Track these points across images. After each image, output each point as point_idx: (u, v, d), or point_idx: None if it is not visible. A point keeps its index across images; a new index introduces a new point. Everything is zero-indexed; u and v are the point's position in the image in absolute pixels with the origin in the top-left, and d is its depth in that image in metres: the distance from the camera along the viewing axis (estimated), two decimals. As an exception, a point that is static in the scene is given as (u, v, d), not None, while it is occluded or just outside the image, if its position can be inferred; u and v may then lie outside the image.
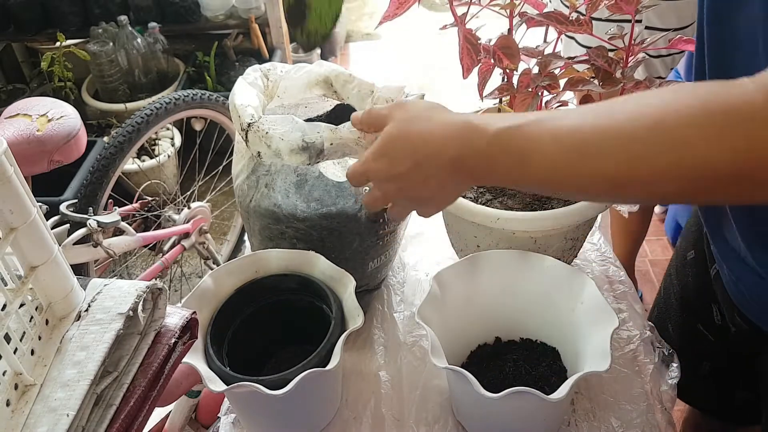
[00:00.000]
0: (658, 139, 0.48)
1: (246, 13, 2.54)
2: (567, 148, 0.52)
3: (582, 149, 0.51)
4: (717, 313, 0.89)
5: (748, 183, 0.46)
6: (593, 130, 0.51)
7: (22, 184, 0.53)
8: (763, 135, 0.44)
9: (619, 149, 0.50)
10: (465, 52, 0.76)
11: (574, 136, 0.52)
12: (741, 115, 0.45)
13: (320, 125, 0.76)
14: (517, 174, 0.56)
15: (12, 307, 0.53)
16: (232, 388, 0.69)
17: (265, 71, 0.94)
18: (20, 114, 1.40)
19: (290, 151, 0.76)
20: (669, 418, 0.81)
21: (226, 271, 0.83)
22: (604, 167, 0.50)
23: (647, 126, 0.48)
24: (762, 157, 0.44)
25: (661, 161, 0.48)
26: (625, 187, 0.51)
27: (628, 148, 0.49)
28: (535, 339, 0.86)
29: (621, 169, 0.50)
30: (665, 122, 0.48)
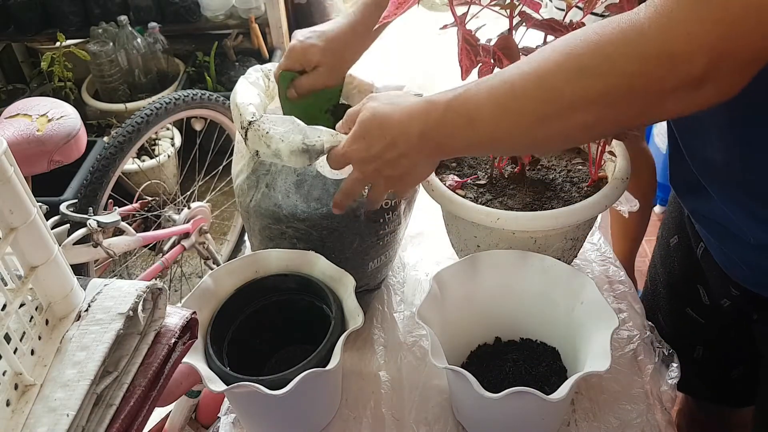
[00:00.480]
0: (569, 69, 0.55)
1: (246, 13, 2.54)
2: (499, 99, 0.60)
3: (510, 95, 0.59)
4: (704, 294, 0.90)
5: (650, 95, 0.52)
6: (519, 76, 0.58)
7: (22, 184, 0.53)
8: (651, 51, 0.50)
9: (537, 86, 0.57)
10: (464, 53, 0.76)
11: (504, 87, 0.59)
12: (632, 36, 0.51)
13: (320, 129, 0.76)
14: (470, 134, 0.63)
15: (12, 307, 0.53)
16: (232, 388, 0.69)
17: (267, 72, 0.94)
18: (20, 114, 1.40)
19: (290, 153, 0.76)
20: (669, 418, 0.81)
21: (226, 271, 0.83)
22: (530, 106, 0.58)
23: (558, 60, 0.55)
24: (653, 71, 0.50)
25: (572, 89, 0.54)
26: (548, 120, 0.57)
27: (544, 83, 0.56)
28: (535, 339, 0.86)
29: (541, 104, 0.57)
30: (573, 53, 0.54)
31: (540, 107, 0.57)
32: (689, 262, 0.91)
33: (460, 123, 0.63)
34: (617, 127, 0.59)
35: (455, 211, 0.83)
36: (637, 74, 0.51)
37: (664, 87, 0.51)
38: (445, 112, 0.63)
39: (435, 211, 0.92)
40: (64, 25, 2.48)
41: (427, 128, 0.65)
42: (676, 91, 0.51)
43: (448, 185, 0.86)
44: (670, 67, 0.50)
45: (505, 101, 0.59)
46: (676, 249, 0.96)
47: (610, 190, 0.81)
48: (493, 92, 0.60)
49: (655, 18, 0.50)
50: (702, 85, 0.50)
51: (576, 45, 0.54)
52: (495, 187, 0.89)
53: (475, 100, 0.62)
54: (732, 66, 0.49)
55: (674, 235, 0.96)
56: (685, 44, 0.49)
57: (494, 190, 0.88)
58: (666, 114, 0.55)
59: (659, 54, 0.50)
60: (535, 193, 0.87)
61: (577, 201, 0.82)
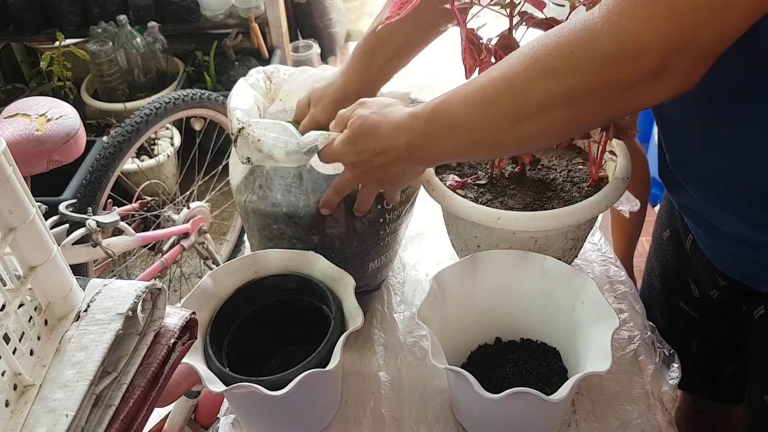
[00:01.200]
0: (534, 72, 0.57)
1: (246, 12, 2.54)
2: (474, 106, 0.63)
3: (484, 102, 0.62)
4: (694, 288, 0.91)
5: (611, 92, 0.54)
6: (489, 81, 0.61)
7: (21, 184, 0.53)
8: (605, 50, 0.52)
9: (506, 91, 0.60)
10: (467, 52, 0.76)
11: (476, 94, 0.62)
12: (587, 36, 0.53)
13: (315, 133, 0.76)
14: (452, 142, 0.66)
15: (11, 308, 0.53)
16: (231, 388, 0.68)
17: (269, 73, 0.93)
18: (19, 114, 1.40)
19: (287, 154, 0.76)
20: (670, 419, 0.81)
21: (225, 272, 0.82)
22: (502, 109, 0.60)
23: (523, 64, 0.58)
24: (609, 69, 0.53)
25: (540, 91, 0.57)
26: (520, 122, 0.60)
27: (511, 87, 0.59)
28: (536, 339, 0.86)
29: (511, 107, 0.60)
30: (535, 56, 0.57)
31: (511, 110, 0.60)
32: (680, 255, 0.93)
33: (442, 132, 0.66)
34: (586, 124, 0.61)
35: (455, 211, 0.83)
36: (595, 73, 0.53)
37: (622, 84, 0.53)
38: (428, 123, 0.67)
39: (435, 211, 0.92)
40: (63, 25, 2.48)
41: (413, 139, 0.68)
42: (634, 87, 0.53)
43: (448, 185, 0.86)
44: (624, 65, 0.52)
45: (479, 107, 0.62)
46: (668, 242, 0.97)
47: (611, 190, 0.80)
48: (468, 99, 0.63)
49: (607, 17, 0.52)
50: (658, 79, 0.52)
51: (538, 48, 0.57)
52: (495, 187, 0.88)
53: (452, 109, 0.65)
54: (685, 60, 0.51)
55: (666, 228, 0.97)
56: (636, 41, 0.50)
57: (494, 190, 0.88)
58: (628, 107, 0.56)
59: (613, 52, 0.52)
60: (536, 193, 0.86)
61: (578, 201, 0.81)
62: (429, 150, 0.69)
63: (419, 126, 0.68)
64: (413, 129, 0.68)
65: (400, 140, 0.69)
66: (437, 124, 0.66)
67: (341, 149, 0.73)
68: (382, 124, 0.70)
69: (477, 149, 0.68)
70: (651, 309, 1.01)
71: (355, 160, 0.73)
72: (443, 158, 0.76)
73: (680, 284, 0.94)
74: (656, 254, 1.02)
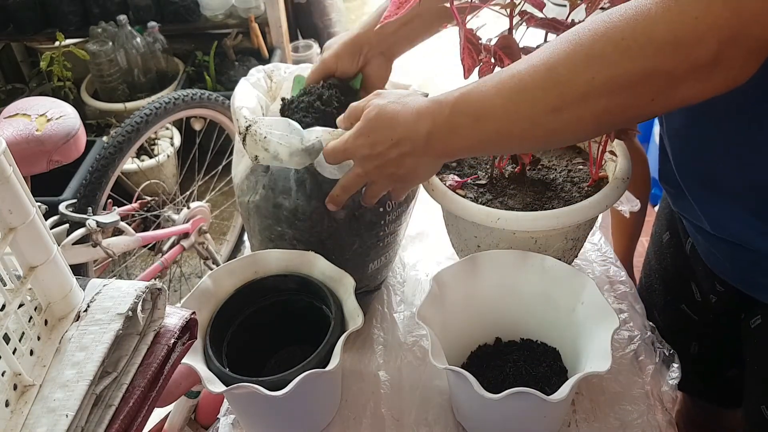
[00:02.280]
0: (579, 58, 0.54)
1: (246, 12, 2.54)
2: (509, 93, 0.59)
3: (520, 89, 0.58)
4: (696, 290, 0.90)
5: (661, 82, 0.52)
6: (527, 69, 0.58)
7: (21, 184, 0.53)
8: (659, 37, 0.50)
9: (547, 77, 0.56)
10: (466, 52, 0.76)
11: (512, 81, 0.59)
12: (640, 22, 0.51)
13: (317, 129, 0.76)
14: (477, 132, 0.62)
15: (11, 308, 0.53)
16: (231, 389, 0.68)
17: (269, 72, 0.93)
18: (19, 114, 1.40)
19: (290, 154, 0.76)
20: (670, 419, 0.81)
21: (225, 272, 0.82)
22: (540, 97, 0.57)
23: (567, 50, 0.55)
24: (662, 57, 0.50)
25: (584, 77, 0.54)
26: (559, 111, 0.57)
27: (554, 73, 0.56)
28: (536, 339, 0.86)
29: (551, 95, 0.56)
30: (581, 42, 0.54)
31: (551, 98, 0.57)
32: (681, 258, 0.92)
33: (467, 121, 0.62)
34: (629, 116, 0.58)
35: (455, 211, 0.83)
36: (647, 60, 0.51)
37: (675, 73, 0.51)
38: (453, 111, 0.63)
39: (435, 211, 0.92)
40: (63, 25, 2.48)
41: (435, 128, 0.64)
42: (686, 78, 0.51)
43: (448, 185, 0.86)
44: (679, 53, 0.50)
45: (514, 95, 0.59)
46: (668, 245, 0.96)
47: (611, 190, 0.80)
48: (502, 87, 0.60)
49: (662, 3, 0.50)
50: (713, 69, 0.50)
51: (584, 34, 0.54)
52: (495, 187, 0.88)
53: (482, 97, 0.61)
54: (741, 52, 0.49)
55: (666, 230, 0.97)
56: (693, 28, 0.48)
57: (494, 190, 0.88)
58: (677, 101, 0.54)
59: (668, 39, 0.50)
60: (536, 193, 0.86)
61: (578, 201, 0.81)
62: (451, 140, 0.64)
63: (443, 114, 0.63)
64: (435, 117, 0.64)
65: (420, 129, 0.65)
66: (463, 112, 0.62)
67: (352, 142, 0.70)
68: (400, 113, 0.66)
69: (504, 141, 0.64)
70: (650, 310, 1.01)
71: (367, 153, 0.69)
72: (466, 150, 0.69)
73: (681, 287, 0.94)
74: (656, 256, 1.02)
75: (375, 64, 0.89)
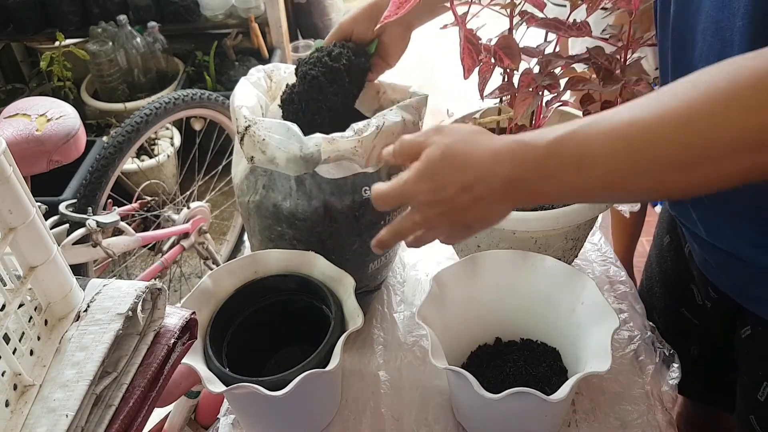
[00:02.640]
0: (719, 110, 0.47)
1: (245, 12, 2.54)
2: (626, 143, 0.50)
3: (641, 139, 0.50)
4: (697, 294, 0.90)
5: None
6: (649, 118, 0.49)
7: (21, 184, 0.53)
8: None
9: (680, 130, 0.48)
10: (466, 53, 0.76)
11: (631, 129, 0.50)
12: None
13: (317, 136, 0.76)
14: (575, 182, 0.53)
15: (11, 308, 0.53)
16: (231, 389, 0.68)
17: (269, 72, 0.93)
18: (19, 114, 1.40)
19: (287, 160, 0.76)
20: (670, 419, 0.81)
21: (225, 272, 0.82)
22: (667, 153, 0.49)
23: (703, 101, 0.47)
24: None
25: (728, 132, 0.46)
26: (691, 168, 0.48)
27: (691, 125, 0.47)
28: (536, 339, 0.86)
29: (684, 150, 0.48)
30: (721, 94, 0.47)
31: (683, 153, 0.48)
32: (681, 262, 0.92)
33: (567, 168, 0.53)
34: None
35: (455, 211, 0.83)
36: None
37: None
38: (546, 155, 0.54)
39: (435, 211, 0.92)
40: (63, 25, 2.48)
41: (519, 172, 0.55)
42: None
43: (448, 185, 0.86)
44: None
45: (632, 146, 0.50)
46: (668, 248, 0.96)
47: (611, 190, 0.80)
48: (616, 135, 0.51)
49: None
50: None
51: (738, 76, 0.47)
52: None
53: (588, 142, 0.52)
54: None
55: (667, 234, 0.97)
56: None
57: (494, 190, 0.88)
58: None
59: None
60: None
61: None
62: (540, 188, 0.55)
63: (532, 156, 0.54)
64: (521, 159, 0.55)
65: (498, 172, 0.55)
66: (562, 158, 0.53)
67: (412, 186, 0.59)
68: (473, 153, 0.57)
69: (611, 193, 0.55)
70: (650, 312, 1.01)
71: (431, 199, 0.59)
72: (555, 199, 0.58)
73: (682, 290, 0.93)
74: (657, 259, 1.01)
75: (392, 32, 0.86)
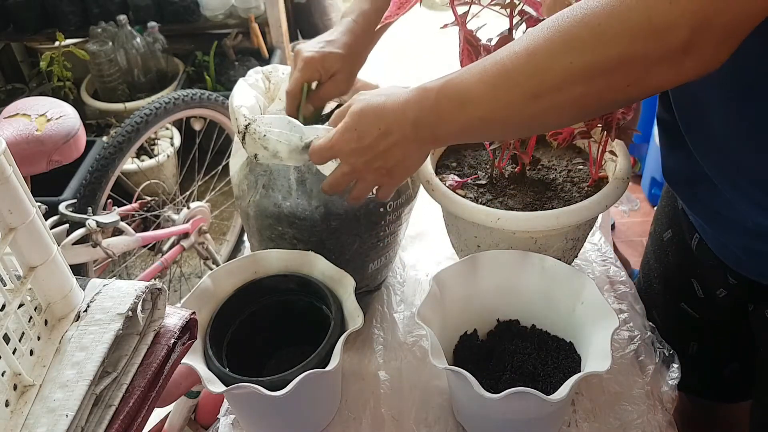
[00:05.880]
0: (557, 45, 0.56)
1: (245, 12, 2.54)
2: (491, 80, 0.60)
3: (502, 75, 0.60)
4: (698, 288, 0.90)
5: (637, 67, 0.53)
6: (509, 55, 0.59)
7: (21, 184, 0.53)
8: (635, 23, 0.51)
9: (527, 63, 0.58)
10: (465, 54, 0.76)
11: (494, 68, 0.60)
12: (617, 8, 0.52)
13: (318, 127, 0.76)
14: (463, 117, 0.63)
15: (11, 308, 0.53)
16: (231, 389, 0.68)
17: (267, 73, 0.93)
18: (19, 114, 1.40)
19: (290, 152, 0.76)
20: (670, 419, 0.81)
21: (225, 272, 0.82)
22: (521, 83, 0.58)
23: (547, 37, 0.56)
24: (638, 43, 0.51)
25: (562, 64, 0.55)
26: (539, 97, 0.58)
27: (534, 59, 0.57)
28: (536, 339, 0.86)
29: (533, 81, 0.58)
30: (561, 29, 0.56)
31: (531, 83, 0.58)
32: (683, 256, 0.92)
33: (452, 107, 0.63)
34: (606, 102, 0.59)
35: (455, 211, 0.83)
36: (622, 46, 0.52)
37: (649, 59, 0.52)
38: (438, 97, 0.64)
39: (435, 211, 0.92)
40: (63, 25, 2.48)
41: (422, 114, 0.65)
42: (660, 63, 0.52)
43: (448, 185, 0.86)
44: (653, 38, 0.51)
45: (496, 80, 0.60)
46: (669, 242, 0.96)
47: (611, 190, 0.80)
48: (485, 73, 0.61)
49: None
50: (686, 55, 0.51)
51: (564, 21, 0.56)
52: (495, 187, 0.88)
53: (466, 83, 0.62)
54: (715, 35, 0.50)
55: (667, 229, 0.97)
56: (667, 13, 0.50)
57: (494, 190, 0.88)
58: (652, 86, 0.55)
59: (642, 25, 0.51)
60: (536, 193, 0.86)
61: (578, 201, 0.81)
62: (438, 126, 0.66)
63: (428, 100, 0.65)
64: (421, 104, 0.65)
65: (407, 116, 0.66)
66: (448, 98, 0.64)
67: (338, 137, 0.70)
68: (386, 103, 0.68)
69: (488, 126, 0.65)
70: (649, 310, 1.01)
71: (355, 147, 0.69)
72: (452, 136, 0.70)
73: (682, 284, 0.94)
74: (655, 255, 1.02)
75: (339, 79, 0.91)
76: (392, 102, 0.67)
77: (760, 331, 0.83)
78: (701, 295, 0.91)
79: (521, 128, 0.69)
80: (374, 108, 0.68)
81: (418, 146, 0.69)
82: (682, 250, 0.92)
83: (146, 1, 2.51)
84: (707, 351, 0.97)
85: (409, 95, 0.66)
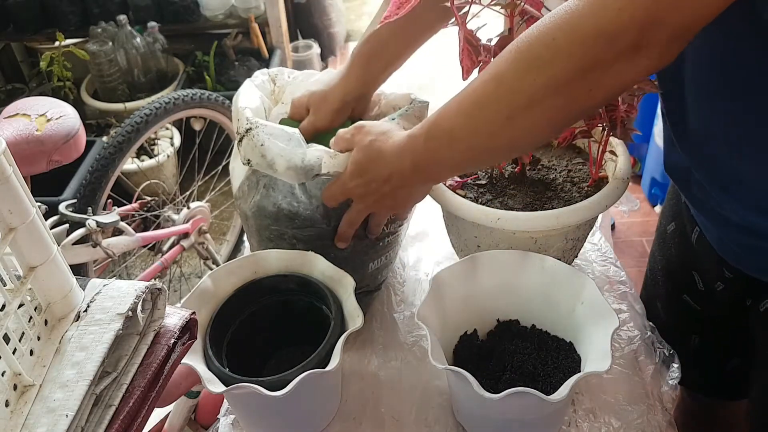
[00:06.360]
0: (519, 65, 0.58)
1: (245, 12, 2.54)
2: (468, 110, 0.64)
3: (475, 103, 0.63)
4: (699, 280, 0.91)
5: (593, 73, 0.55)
6: (479, 84, 0.62)
7: (21, 184, 0.53)
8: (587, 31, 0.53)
9: (497, 88, 0.61)
10: (465, 54, 0.76)
11: (469, 97, 0.64)
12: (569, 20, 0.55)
13: (320, 148, 0.76)
14: (453, 153, 0.67)
15: (11, 308, 0.53)
16: (231, 389, 0.68)
17: (273, 75, 0.94)
18: (19, 114, 1.40)
19: (287, 168, 0.76)
20: (670, 419, 0.81)
21: (225, 272, 0.82)
22: (494, 109, 0.61)
23: (509, 59, 0.59)
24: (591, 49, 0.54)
25: (527, 83, 0.58)
26: (513, 120, 0.60)
27: (501, 84, 0.60)
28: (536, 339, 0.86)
29: (503, 104, 0.60)
30: (520, 49, 0.58)
31: (502, 108, 0.61)
32: (685, 248, 0.93)
33: (441, 146, 0.67)
34: (575, 111, 0.61)
35: (455, 211, 0.83)
36: (577, 56, 0.55)
37: (603, 63, 0.54)
38: (426, 140, 0.68)
39: (435, 211, 0.92)
40: (63, 25, 2.48)
41: (417, 159, 0.70)
42: (615, 65, 0.54)
43: (448, 185, 0.86)
44: (604, 43, 0.53)
45: (472, 110, 0.63)
46: (672, 235, 0.97)
47: (611, 190, 0.80)
48: (461, 106, 0.65)
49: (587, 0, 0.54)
50: (637, 55, 0.53)
51: (522, 43, 0.58)
52: (495, 187, 0.88)
53: (447, 120, 0.66)
54: (663, 36, 0.52)
55: (671, 222, 0.98)
56: (616, 19, 0.52)
57: (494, 190, 0.88)
58: (614, 86, 0.57)
59: (593, 32, 0.53)
60: (536, 193, 0.86)
61: (578, 201, 0.81)
62: (433, 167, 0.70)
63: (419, 144, 0.69)
64: (414, 149, 0.69)
65: (404, 163, 0.71)
66: (435, 139, 0.67)
67: (348, 183, 0.76)
68: (385, 151, 0.72)
69: (476, 156, 0.69)
70: (653, 303, 1.02)
71: (364, 191, 0.75)
72: (448, 172, 0.77)
73: (684, 276, 0.94)
74: (659, 248, 1.02)
75: None
76: (389, 148, 0.72)
77: (756, 325, 0.83)
78: (701, 288, 0.91)
79: (505, 152, 0.72)
80: (374, 156, 0.73)
81: (422, 184, 0.77)
82: (683, 242, 0.93)
83: (146, 1, 2.51)
84: (709, 345, 0.97)
85: (403, 142, 0.71)
